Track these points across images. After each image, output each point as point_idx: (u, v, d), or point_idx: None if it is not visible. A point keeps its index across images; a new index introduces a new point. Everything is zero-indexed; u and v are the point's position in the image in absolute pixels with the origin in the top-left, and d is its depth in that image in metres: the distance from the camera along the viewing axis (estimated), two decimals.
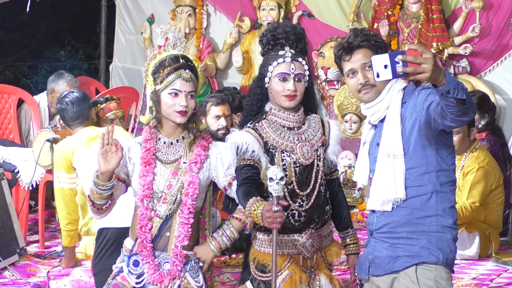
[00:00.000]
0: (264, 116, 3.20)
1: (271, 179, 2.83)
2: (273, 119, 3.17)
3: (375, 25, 7.03)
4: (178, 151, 3.08)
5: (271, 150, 3.14)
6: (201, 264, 3.09)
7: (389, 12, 7.01)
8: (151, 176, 3.02)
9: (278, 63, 3.13)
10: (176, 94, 3.01)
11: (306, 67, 3.16)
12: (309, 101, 3.24)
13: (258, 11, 7.51)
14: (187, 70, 3.02)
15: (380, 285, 2.95)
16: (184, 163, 3.06)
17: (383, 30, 6.93)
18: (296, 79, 3.12)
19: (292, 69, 3.12)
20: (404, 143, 2.84)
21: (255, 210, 2.86)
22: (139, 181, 3.02)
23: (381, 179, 2.87)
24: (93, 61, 9.82)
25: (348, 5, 7.35)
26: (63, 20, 10.23)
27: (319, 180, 3.16)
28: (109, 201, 3.00)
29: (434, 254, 2.82)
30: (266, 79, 3.16)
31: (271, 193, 2.85)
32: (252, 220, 3.00)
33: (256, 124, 3.18)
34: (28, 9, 6.64)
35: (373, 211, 2.97)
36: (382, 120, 2.93)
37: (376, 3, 7.11)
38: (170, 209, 3.03)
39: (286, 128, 3.17)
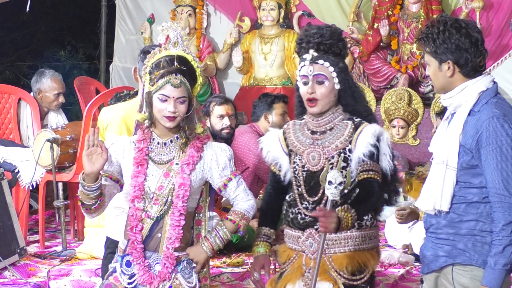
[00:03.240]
0: (303, 117, 3.23)
1: (330, 182, 2.86)
2: (305, 120, 3.19)
3: (375, 25, 7.03)
4: (171, 152, 3.05)
5: (290, 152, 3.18)
6: (194, 265, 3.06)
7: (389, 12, 7.00)
8: (142, 177, 2.99)
9: (301, 67, 3.13)
10: (165, 100, 2.96)
11: (331, 68, 3.07)
12: (347, 103, 3.13)
13: (258, 11, 7.50)
14: (177, 75, 2.94)
15: (427, 282, 3.00)
16: (177, 164, 3.02)
17: (383, 30, 6.92)
18: (316, 81, 3.08)
19: (310, 71, 3.08)
20: (459, 155, 2.82)
21: (256, 245, 3.19)
22: (131, 182, 3.00)
23: (432, 186, 2.89)
24: (93, 61, 9.81)
25: (348, 5, 7.34)
26: (63, 20, 10.21)
27: None
28: (98, 201, 2.98)
29: (467, 256, 2.83)
30: (298, 83, 3.16)
31: (327, 196, 2.90)
32: (246, 223, 3.09)
33: (285, 125, 3.27)
34: (28, 9, 6.63)
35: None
36: (453, 114, 2.91)
37: (376, 3, 7.11)
38: (161, 210, 3.00)
39: (310, 131, 3.16)
